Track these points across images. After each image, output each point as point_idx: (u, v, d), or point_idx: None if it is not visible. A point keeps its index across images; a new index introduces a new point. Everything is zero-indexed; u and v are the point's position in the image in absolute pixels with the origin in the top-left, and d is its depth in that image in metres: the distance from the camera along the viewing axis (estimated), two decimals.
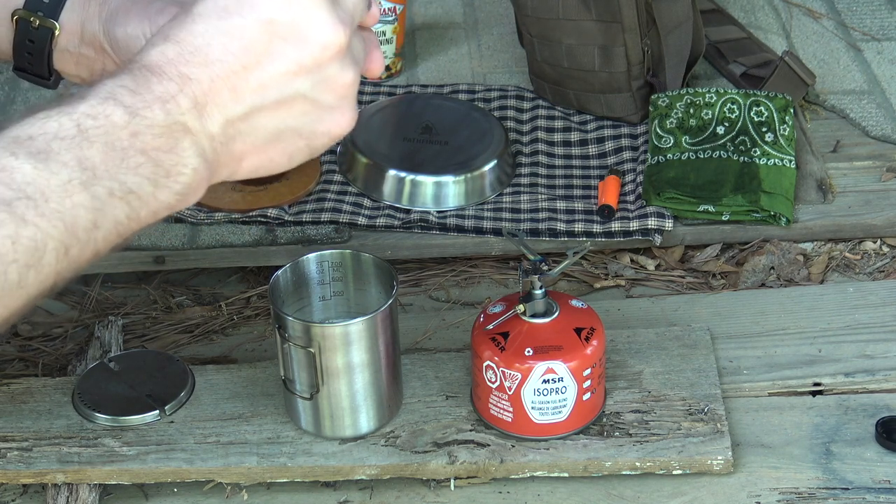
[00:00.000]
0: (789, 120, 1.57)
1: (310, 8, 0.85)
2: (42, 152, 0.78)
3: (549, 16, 1.62)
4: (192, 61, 0.84)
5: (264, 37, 0.85)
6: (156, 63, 0.83)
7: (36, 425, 1.23)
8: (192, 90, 0.84)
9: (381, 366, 1.19)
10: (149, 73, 0.83)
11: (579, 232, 1.48)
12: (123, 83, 0.82)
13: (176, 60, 0.84)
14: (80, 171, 0.79)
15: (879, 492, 1.17)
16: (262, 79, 0.85)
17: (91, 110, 0.81)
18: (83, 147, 0.80)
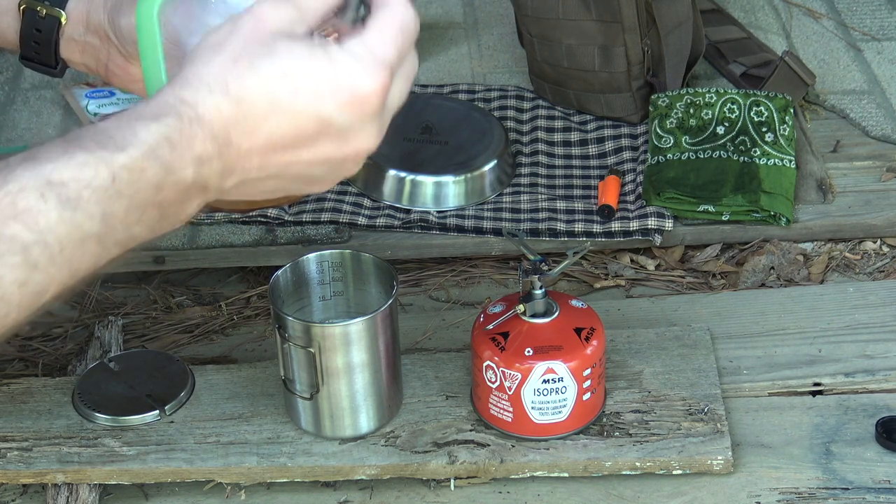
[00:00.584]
0: (789, 120, 1.57)
1: (365, 119, 0.86)
2: (71, 200, 0.79)
3: (549, 16, 1.62)
4: (241, 128, 0.84)
5: (314, 130, 0.85)
6: (208, 119, 0.83)
7: (36, 425, 1.23)
8: (229, 155, 0.84)
9: (381, 366, 1.19)
10: (198, 127, 0.83)
11: (579, 232, 1.48)
12: (169, 134, 0.82)
13: (228, 122, 0.84)
14: (101, 225, 0.80)
15: (879, 492, 1.17)
16: (292, 159, 0.87)
17: (130, 163, 0.81)
18: (112, 201, 0.80)
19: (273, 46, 0.84)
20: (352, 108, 0.85)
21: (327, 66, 0.84)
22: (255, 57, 0.84)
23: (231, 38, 0.85)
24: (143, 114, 0.82)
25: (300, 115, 0.85)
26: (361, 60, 0.85)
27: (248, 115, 0.84)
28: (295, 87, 0.84)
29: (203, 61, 0.84)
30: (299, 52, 0.84)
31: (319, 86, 0.84)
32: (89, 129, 0.82)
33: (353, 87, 0.85)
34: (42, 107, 1.75)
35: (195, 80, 0.84)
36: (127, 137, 0.81)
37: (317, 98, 0.84)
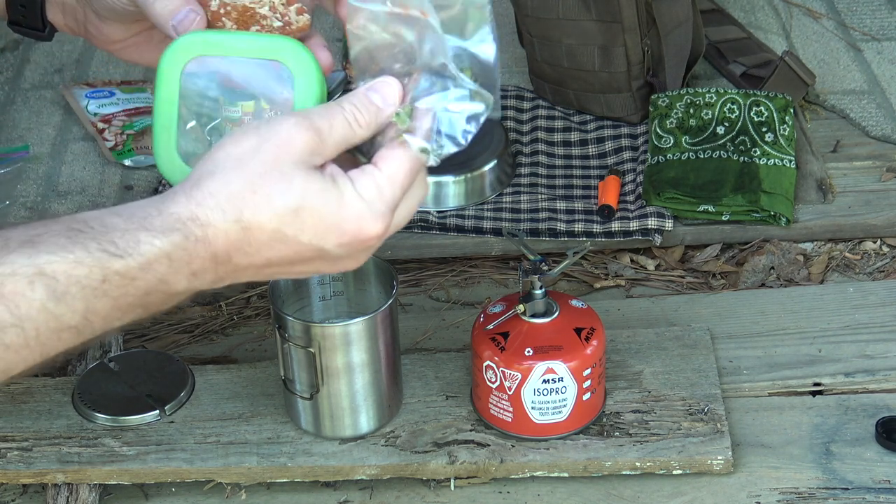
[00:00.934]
0: (789, 120, 1.57)
1: (361, 253, 0.91)
2: (58, 294, 0.81)
3: (549, 16, 1.62)
4: (244, 250, 0.87)
5: (311, 256, 0.90)
6: (213, 241, 0.86)
7: (36, 425, 1.23)
8: (225, 270, 0.88)
9: (381, 366, 1.19)
10: (203, 247, 0.86)
11: (579, 232, 1.48)
12: (171, 252, 0.85)
13: (232, 246, 0.87)
14: (81, 320, 0.83)
15: (879, 492, 1.17)
16: (283, 271, 0.91)
17: (125, 271, 0.83)
18: (98, 300, 0.83)
19: (291, 179, 0.87)
20: (350, 246, 0.89)
21: (336, 207, 0.88)
22: (272, 189, 0.86)
23: (254, 159, 0.87)
24: (151, 224, 0.85)
25: (301, 245, 0.88)
26: (370, 205, 0.89)
27: (252, 241, 0.87)
28: (302, 224, 0.87)
29: (222, 180, 0.87)
30: (314, 190, 0.87)
31: (326, 225, 0.88)
32: (97, 222, 0.84)
33: (357, 231, 0.89)
34: (42, 107, 1.75)
35: (212, 200, 0.86)
36: (129, 247, 0.84)
37: (320, 235, 0.88)
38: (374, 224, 0.89)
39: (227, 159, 0.87)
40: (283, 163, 0.87)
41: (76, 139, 1.68)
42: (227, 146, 0.88)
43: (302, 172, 0.87)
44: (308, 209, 0.87)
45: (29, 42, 1.90)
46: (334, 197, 0.88)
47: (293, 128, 0.87)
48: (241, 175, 0.86)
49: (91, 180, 1.60)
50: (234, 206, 0.86)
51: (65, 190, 1.59)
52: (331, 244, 0.89)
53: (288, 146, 0.87)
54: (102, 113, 1.70)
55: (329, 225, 0.88)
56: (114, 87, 1.76)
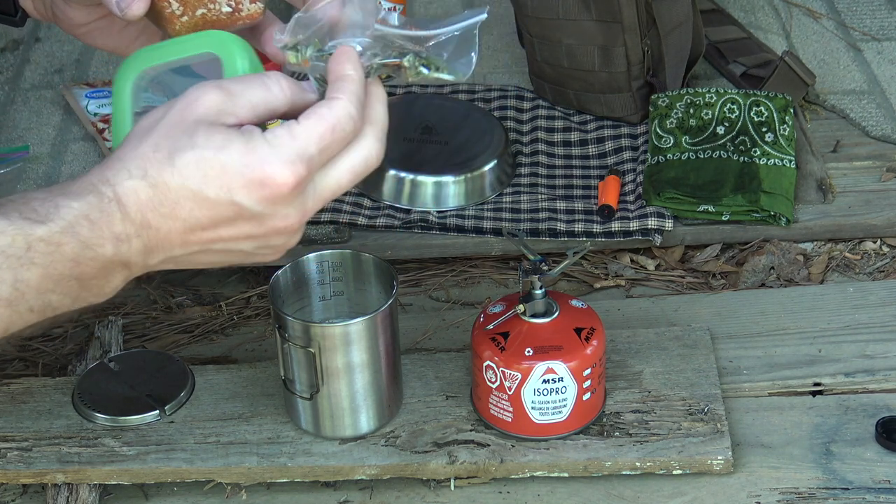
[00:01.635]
0: (789, 120, 1.57)
1: (278, 204, 0.89)
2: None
3: (549, 16, 1.62)
4: (159, 211, 0.87)
5: (230, 213, 0.89)
6: (126, 201, 0.87)
7: (36, 425, 1.23)
8: (149, 236, 0.88)
9: (381, 366, 1.19)
10: (116, 207, 0.87)
11: (579, 232, 1.48)
12: (88, 212, 0.86)
13: (145, 206, 0.87)
14: (10, 290, 0.84)
15: (879, 492, 1.17)
16: (212, 237, 0.90)
17: (48, 236, 0.84)
18: (24, 268, 0.84)
19: (193, 134, 0.87)
20: (260, 195, 0.88)
21: (239, 154, 0.87)
22: (173, 146, 0.87)
23: (159, 124, 0.89)
24: (68, 190, 0.87)
25: (211, 201, 0.88)
26: (278, 149, 0.87)
27: (164, 200, 0.87)
28: (205, 176, 0.87)
29: (131, 146, 0.89)
30: (215, 141, 0.87)
31: (227, 174, 0.87)
32: (20, 197, 0.86)
33: (263, 176, 0.87)
34: (42, 107, 1.75)
35: (118, 163, 0.88)
36: (49, 212, 0.85)
37: (224, 186, 0.87)
38: (282, 169, 0.87)
39: (138, 130, 0.89)
40: (187, 121, 0.87)
41: (76, 139, 1.68)
42: (142, 121, 0.90)
43: (204, 127, 0.87)
44: (209, 160, 0.86)
45: (29, 42, 1.90)
46: (238, 145, 0.87)
47: (198, 89, 0.88)
48: (147, 138, 0.88)
49: None
50: (139, 165, 0.87)
51: None
52: (241, 196, 0.87)
53: (192, 106, 0.88)
54: (102, 113, 1.70)
55: (232, 173, 0.87)
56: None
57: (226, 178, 0.87)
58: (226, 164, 0.86)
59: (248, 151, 0.87)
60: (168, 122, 0.88)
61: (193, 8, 0.95)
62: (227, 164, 0.86)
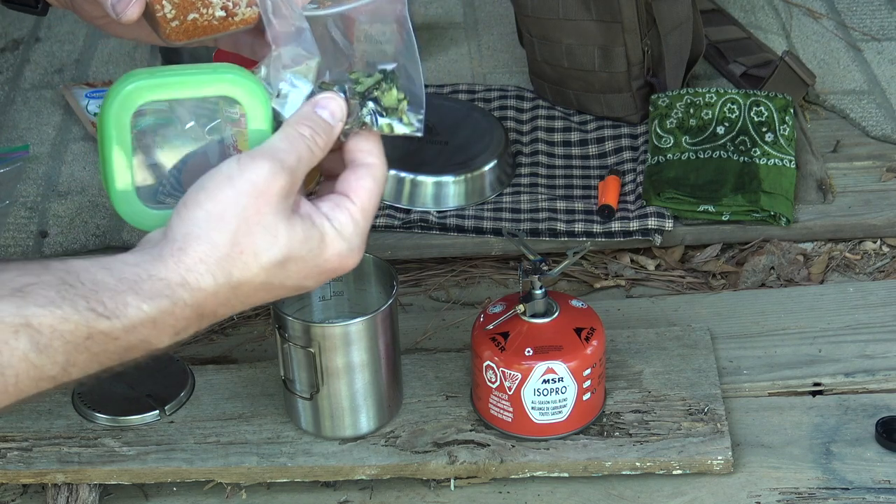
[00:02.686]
0: (789, 120, 1.57)
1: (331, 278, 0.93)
2: (41, 346, 0.82)
3: (549, 16, 1.62)
4: (230, 304, 0.89)
5: (287, 294, 0.92)
6: (202, 303, 0.87)
7: (36, 425, 1.23)
8: (208, 322, 0.89)
9: (381, 366, 1.19)
10: (190, 310, 0.87)
11: (579, 232, 1.48)
12: (157, 317, 0.86)
13: (219, 303, 0.88)
14: (61, 371, 0.84)
15: (879, 492, 1.17)
16: (267, 298, 0.92)
17: (109, 331, 0.85)
18: (78, 353, 0.84)
19: (275, 233, 0.88)
20: (328, 277, 0.92)
21: (318, 251, 0.90)
22: (258, 245, 0.88)
23: (235, 214, 0.88)
24: (140, 288, 0.86)
25: (284, 290, 0.91)
26: (350, 242, 0.91)
27: (239, 295, 0.89)
28: (288, 273, 0.90)
29: (209, 243, 0.87)
30: (297, 240, 0.89)
31: (309, 269, 0.90)
32: (88, 277, 0.85)
33: (338, 267, 0.91)
34: (42, 107, 1.75)
35: (202, 265, 0.87)
36: (117, 309, 0.85)
37: (304, 278, 0.91)
38: (352, 258, 0.91)
39: (207, 219, 0.88)
40: (264, 215, 0.88)
41: (76, 139, 1.68)
42: (205, 203, 0.88)
43: (284, 223, 0.88)
44: (293, 259, 0.89)
45: (29, 42, 1.90)
46: (316, 242, 0.90)
47: (268, 175, 0.88)
48: (225, 235, 0.87)
49: (91, 180, 1.60)
50: (224, 268, 0.87)
51: (65, 190, 1.59)
52: (311, 282, 0.91)
53: (265, 196, 0.88)
54: None
55: (312, 268, 0.90)
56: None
57: (304, 272, 0.90)
58: (308, 261, 0.89)
59: (325, 247, 0.90)
60: (245, 217, 0.87)
61: (185, 12, 0.94)
62: (308, 261, 0.89)
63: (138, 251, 0.89)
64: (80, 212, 1.55)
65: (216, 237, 0.87)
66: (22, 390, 0.83)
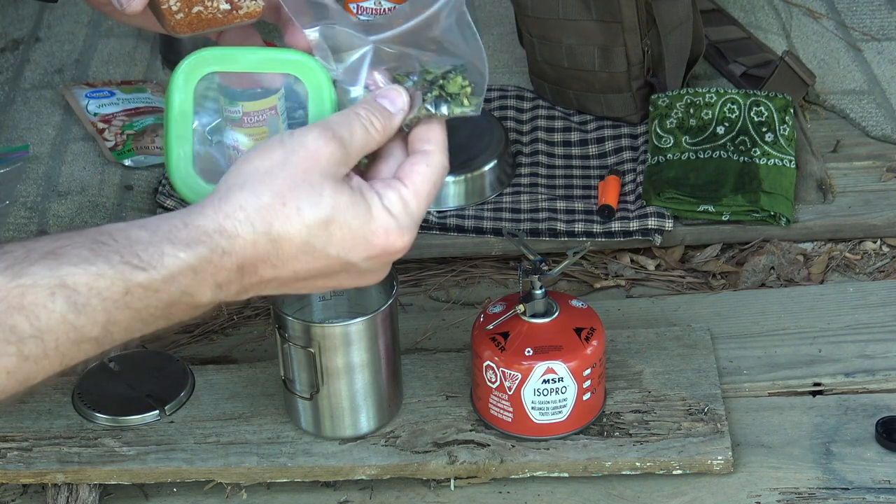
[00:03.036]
0: (789, 120, 1.57)
1: (386, 265, 0.92)
2: (79, 305, 0.81)
3: (549, 16, 1.62)
4: (271, 262, 0.87)
5: (338, 269, 0.90)
6: (241, 253, 0.85)
7: (36, 425, 1.23)
8: (250, 282, 0.87)
9: (381, 366, 1.19)
10: (229, 259, 0.85)
11: (579, 232, 1.48)
12: (196, 264, 0.84)
13: (259, 258, 0.86)
14: (102, 331, 0.82)
15: (879, 492, 1.17)
16: (308, 285, 0.91)
17: (148, 283, 0.83)
18: (119, 311, 0.82)
19: (321, 191, 0.87)
20: (378, 259, 0.90)
21: (365, 219, 0.88)
22: (303, 201, 0.86)
23: (283, 171, 0.87)
24: (176, 237, 0.84)
25: (329, 258, 0.89)
26: (398, 220, 0.90)
27: (280, 254, 0.87)
28: (331, 237, 0.88)
29: (252, 192, 0.86)
30: (344, 202, 0.88)
31: (354, 238, 0.88)
32: (122, 234, 0.84)
33: (386, 245, 0.90)
34: (42, 107, 1.75)
35: (241, 212, 0.86)
36: (153, 259, 0.83)
37: (349, 248, 0.88)
38: (402, 238, 0.90)
39: (255, 172, 0.87)
40: (312, 174, 0.87)
41: (76, 139, 1.68)
42: (254, 159, 0.88)
43: (331, 184, 0.87)
44: (338, 222, 0.87)
45: (29, 42, 1.90)
46: (363, 210, 0.88)
47: (319, 139, 0.88)
48: (271, 187, 0.86)
49: (91, 180, 1.60)
50: (264, 218, 0.86)
51: (65, 190, 1.59)
52: (358, 257, 0.89)
53: (315, 158, 0.87)
54: (102, 113, 1.70)
55: (358, 238, 0.89)
56: (114, 87, 1.76)
57: (349, 241, 0.88)
58: (353, 228, 0.88)
59: (372, 219, 0.89)
60: (292, 173, 0.87)
61: (190, 5, 0.95)
62: (353, 228, 0.88)
63: (181, 209, 0.88)
64: (80, 212, 1.55)
65: (260, 188, 0.86)
66: (64, 354, 0.81)
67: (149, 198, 1.57)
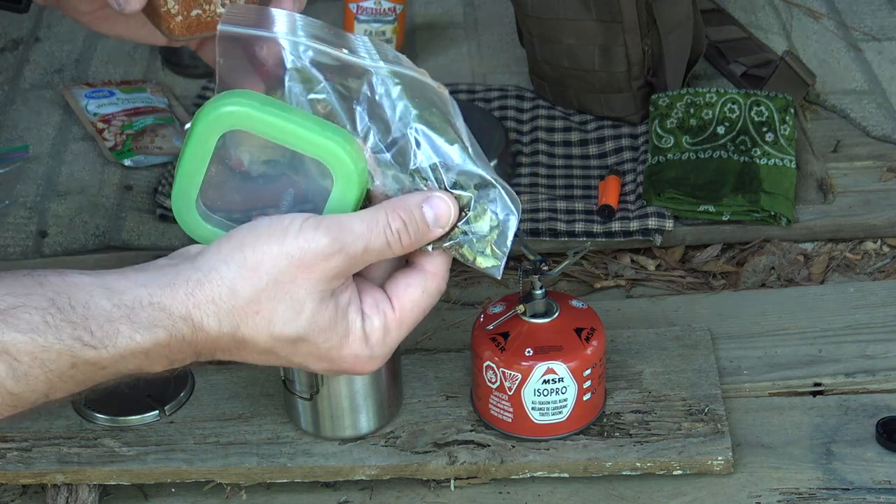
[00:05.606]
0: (790, 120, 1.57)
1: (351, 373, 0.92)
2: (19, 375, 0.79)
3: (549, 15, 1.62)
4: (230, 353, 0.85)
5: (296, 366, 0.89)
6: (202, 343, 0.83)
7: (36, 425, 1.23)
8: (206, 358, 0.86)
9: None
10: (188, 346, 0.83)
11: (579, 232, 1.48)
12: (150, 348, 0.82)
13: (219, 348, 0.85)
14: (40, 398, 0.81)
15: (880, 492, 1.17)
16: (268, 362, 0.88)
17: (97, 360, 0.81)
18: (62, 382, 0.80)
19: (300, 310, 0.83)
20: (336, 373, 0.91)
21: (336, 344, 0.85)
22: (277, 315, 0.83)
23: (269, 273, 0.82)
24: (137, 316, 0.81)
25: (291, 363, 0.87)
26: (372, 350, 0.87)
27: (243, 350, 0.85)
28: (296, 351, 0.85)
29: (229, 288, 0.83)
30: (319, 326, 0.84)
31: (320, 357, 0.86)
32: (81, 300, 0.80)
33: (350, 369, 0.87)
34: (42, 107, 1.75)
35: (212, 306, 0.82)
36: (107, 337, 0.80)
37: (312, 362, 0.86)
38: (369, 365, 0.88)
39: (241, 265, 0.83)
40: (299, 288, 0.83)
41: (76, 139, 1.68)
42: (247, 247, 0.83)
43: (313, 305, 0.83)
44: (308, 342, 0.85)
45: (29, 42, 1.90)
46: (339, 334, 0.85)
47: (322, 252, 0.83)
48: (251, 288, 0.83)
49: (91, 180, 1.60)
50: (233, 319, 0.83)
51: (64, 190, 1.59)
52: (318, 368, 0.87)
53: (309, 270, 0.83)
54: (102, 113, 1.70)
55: (324, 358, 0.86)
56: (114, 87, 1.76)
57: (314, 357, 0.86)
58: (322, 350, 0.85)
59: (346, 344, 0.86)
60: (277, 280, 0.82)
61: (189, 8, 0.94)
62: (322, 350, 0.85)
63: (159, 266, 0.84)
64: (79, 212, 1.55)
65: (239, 286, 0.82)
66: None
67: (148, 198, 1.57)
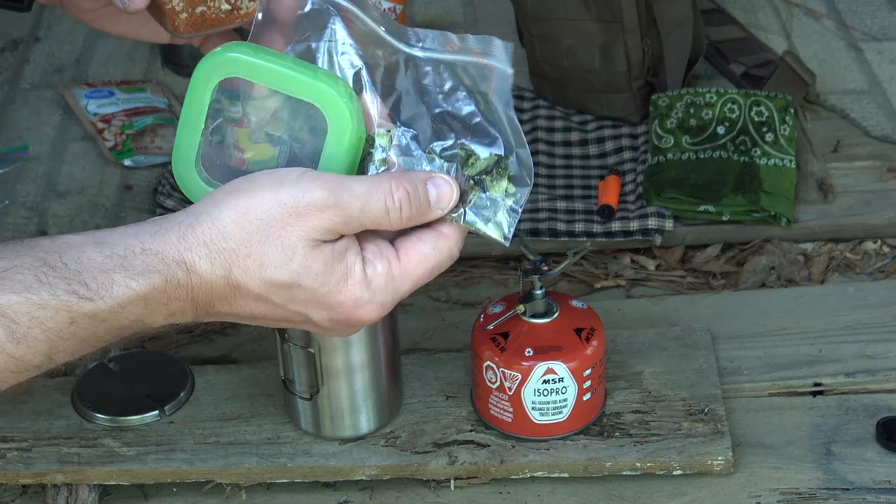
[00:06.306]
0: (790, 120, 1.57)
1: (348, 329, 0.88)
2: (18, 336, 0.78)
3: (549, 16, 1.62)
4: (227, 301, 0.84)
5: (297, 321, 0.86)
6: (197, 288, 0.82)
7: (36, 425, 1.23)
8: (205, 312, 0.84)
9: (381, 366, 1.19)
10: (184, 291, 0.82)
11: (579, 232, 1.48)
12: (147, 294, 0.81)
13: (216, 296, 0.83)
14: (44, 360, 0.80)
15: (880, 492, 1.17)
16: (273, 325, 0.87)
17: (94, 313, 0.80)
18: (63, 340, 0.80)
19: (291, 255, 0.82)
20: (340, 323, 0.85)
21: (334, 289, 0.83)
22: (268, 259, 0.82)
23: (261, 219, 0.82)
24: (131, 263, 0.80)
25: (289, 311, 0.84)
26: (374, 294, 0.85)
27: (237, 295, 0.83)
28: (292, 296, 0.83)
29: (220, 231, 0.82)
30: (313, 271, 0.83)
31: (318, 302, 0.84)
32: (73, 256, 0.79)
33: (351, 315, 0.85)
34: (42, 107, 1.75)
35: (203, 249, 0.82)
36: (102, 288, 0.79)
37: (310, 308, 0.84)
38: (372, 313, 0.86)
39: (235, 207, 0.83)
40: (290, 234, 0.82)
41: (76, 139, 1.68)
42: (240, 193, 0.83)
43: (305, 249, 0.82)
44: (301, 287, 0.83)
45: (29, 42, 1.90)
46: (336, 278, 0.83)
47: (319, 203, 0.82)
48: (241, 231, 0.82)
49: (91, 180, 1.60)
50: (225, 261, 0.82)
51: (64, 190, 1.59)
52: (319, 317, 0.85)
53: (302, 219, 0.82)
54: (102, 113, 1.70)
55: (321, 303, 0.84)
56: (113, 87, 1.76)
57: (312, 303, 0.84)
58: (318, 294, 0.84)
59: (343, 289, 0.84)
60: (269, 225, 0.82)
61: (193, 5, 0.95)
62: (319, 295, 0.84)
63: (151, 220, 0.84)
64: (79, 212, 1.55)
65: (231, 229, 0.82)
66: (4, 381, 0.79)
67: (148, 198, 1.57)
